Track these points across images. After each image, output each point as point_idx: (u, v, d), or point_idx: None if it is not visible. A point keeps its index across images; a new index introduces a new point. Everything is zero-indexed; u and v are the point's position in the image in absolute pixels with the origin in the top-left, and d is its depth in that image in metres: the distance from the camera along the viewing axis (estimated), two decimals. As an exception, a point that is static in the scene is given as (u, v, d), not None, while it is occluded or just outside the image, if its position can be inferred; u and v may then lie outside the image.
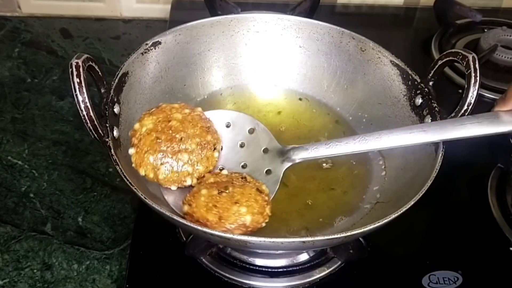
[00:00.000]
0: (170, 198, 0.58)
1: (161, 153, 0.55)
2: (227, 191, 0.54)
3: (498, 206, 0.68)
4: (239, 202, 0.53)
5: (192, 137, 0.57)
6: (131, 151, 0.56)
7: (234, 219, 0.52)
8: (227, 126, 0.63)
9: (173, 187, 0.57)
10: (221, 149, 0.61)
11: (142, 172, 0.56)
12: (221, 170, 0.60)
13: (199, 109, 0.61)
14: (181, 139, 0.56)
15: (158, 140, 0.56)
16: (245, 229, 0.52)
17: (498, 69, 0.90)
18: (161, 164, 0.55)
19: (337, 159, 0.66)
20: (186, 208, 0.54)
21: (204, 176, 0.58)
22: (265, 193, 0.56)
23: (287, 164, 0.59)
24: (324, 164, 0.65)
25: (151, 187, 0.58)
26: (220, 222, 0.52)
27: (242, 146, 0.62)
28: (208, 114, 0.62)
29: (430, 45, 0.95)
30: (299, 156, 0.59)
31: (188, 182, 0.57)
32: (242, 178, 0.58)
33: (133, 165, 0.56)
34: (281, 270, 0.60)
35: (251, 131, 0.63)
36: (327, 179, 0.64)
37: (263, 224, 0.54)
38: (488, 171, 0.72)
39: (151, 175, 0.56)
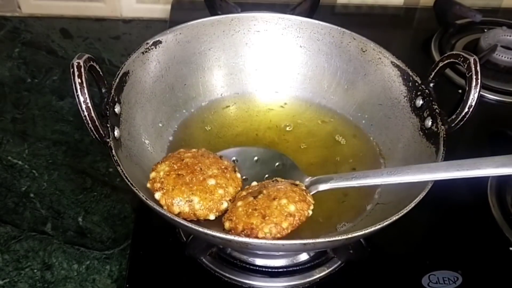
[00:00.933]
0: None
1: (188, 185, 0.55)
2: (262, 194, 0.54)
3: (498, 206, 0.68)
4: (277, 197, 0.53)
5: (210, 165, 0.57)
6: (158, 195, 0.54)
7: (278, 212, 0.51)
8: (256, 161, 0.63)
9: (212, 216, 0.55)
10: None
11: (176, 210, 0.54)
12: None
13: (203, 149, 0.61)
14: (201, 169, 0.56)
15: (180, 175, 0.55)
16: (293, 219, 0.52)
17: (498, 69, 0.90)
18: (192, 194, 0.54)
19: (337, 160, 0.66)
20: (227, 224, 0.54)
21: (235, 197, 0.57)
22: (300, 185, 0.56)
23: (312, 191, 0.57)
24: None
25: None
26: (265, 220, 0.51)
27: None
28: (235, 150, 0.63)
29: (430, 45, 0.95)
30: (324, 186, 0.57)
31: (224, 205, 0.56)
32: (273, 181, 0.57)
33: (165, 207, 0.54)
34: (281, 270, 0.60)
35: (280, 166, 0.62)
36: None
37: (310, 212, 0.53)
38: (488, 172, 0.72)
39: (187, 210, 0.54)
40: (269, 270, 0.60)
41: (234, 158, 0.62)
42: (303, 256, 0.61)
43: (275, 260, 0.61)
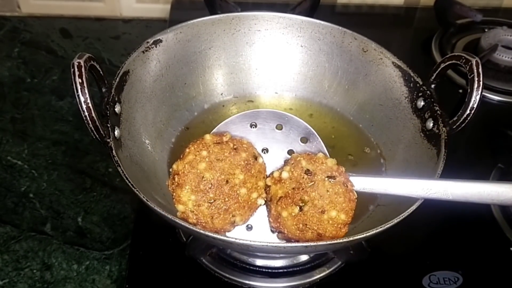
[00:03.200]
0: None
1: (226, 210, 0.52)
2: (306, 205, 0.51)
3: (499, 206, 0.68)
4: (324, 209, 0.50)
5: (233, 170, 0.52)
6: (198, 227, 0.50)
7: (332, 227, 0.50)
8: (276, 128, 0.59)
9: (251, 218, 0.55)
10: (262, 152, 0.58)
11: (219, 225, 0.51)
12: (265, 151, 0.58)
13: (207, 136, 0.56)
14: (227, 181, 0.52)
15: (212, 203, 0.51)
16: (346, 227, 0.51)
17: (498, 69, 0.90)
18: (233, 216, 0.52)
19: (337, 160, 0.65)
20: (280, 236, 0.53)
21: (269, 190, 0.54)
22: (337, 173, 0.53)
23: None
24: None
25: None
26: (321, 237, 0.50)
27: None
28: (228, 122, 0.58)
29: (430, 45, 0.95)
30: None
31: (260, 202, 0.54)
32: (307, 174, 0.53)
33: (210, 228, 0.51)
34: (281, 270, 0.60)
35: (279, 127, 0.59)
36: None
37: (355, 201, 0.52)
38: (488, 171, 0.72)
39: (232, 228, 0.53)
40: (269, 270, 0.60)
41: (253, 121, 0.58)
42: (303, 257, 0.61)
43: (275, 260, 0.61)
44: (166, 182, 0.54)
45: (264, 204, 0.55)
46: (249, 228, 0.56)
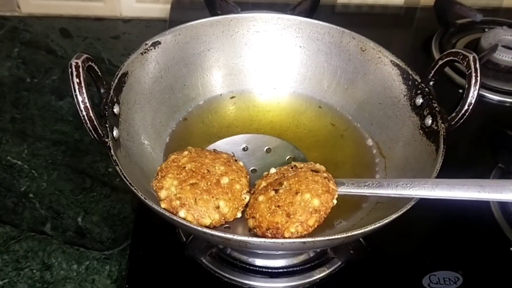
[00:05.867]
0: (239, 232, 0.55)
1: (208, 192, 0.53)
2: (282, 187, 0.52)
3: (499, 206, 0.68)
4: (299, 191, 0.51)
5: (213, 163, 0.56)
6: (183, 213, 0.52)
7: (303, 210, 0.50)
8: (267, 152, 0.63)
9: (239, 214, 0.55)
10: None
11: (207, 221, 0.53)
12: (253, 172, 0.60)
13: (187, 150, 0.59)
14: (208, 170, 0.55)
15: (194, 185, 0.53)
16: (318, 215, 0.50)
17: (498, 69, 0.90)
18: (217, 199, 0.53)
19: (338, 160, 0.66)
20: (251, 222, 0.53)
21: (254, 187, 0.56)
22: (321, 170, 0.54)
23: None
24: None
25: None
26: (290, 219, 0.50)
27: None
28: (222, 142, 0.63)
29: (431, 45, 0.95)
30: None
31: (246, 198, 0.55)
32: (292, 167, 0.56)
33: (195, 223, 0.52)
34: (281, 270, 0.60)
35: (269, 150, 0.63)
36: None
37: (335, 202, 0.52)
38: (488, 171, 0.72)
39: (217, 217, 0.53)
40: (269, 270, 0.60)
41: (244, 145, 0.63)
42: (303, 257, 0.61)
43: (275, 260, 0.61)
44: (151, 183, 0.55)
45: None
46: (227, 227, 0.56)
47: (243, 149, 0.63)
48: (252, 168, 0.61)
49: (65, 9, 1.02)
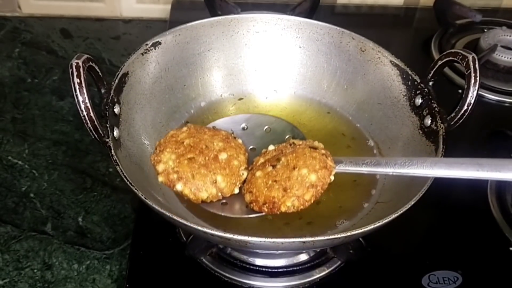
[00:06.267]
0: (236, 208, 0.56)
1: (205, 166, 0.54)
2: (280, 162, 0.52)
3: (498, 206, 0.68)
4: (296, 166, 0.51)
5: (212, 140, 0.56)
6: (180, 186, 0.54)
7: (300, 184, 0.50)
8: (266, 131, 0.63)
9: (236, 190, 0.55)
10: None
11: (204, 195, 0.54)
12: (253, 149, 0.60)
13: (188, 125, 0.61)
14: (206, 146, 0.55)
15: (192, 159, 0.54)
16: (315, 190, 0.51)
17: (497, 69, 0.90)
18: (214, 174, 0.54)
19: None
20: (248, 197, 0.53)
21: (252, 163, 0.57)
22: (320, 147, 0.55)
23: None
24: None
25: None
26: (287, 193, 0.50)
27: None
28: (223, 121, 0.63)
29: (430, 45, 0.95)
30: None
31: (244, 175, 0.56)
32: (290, 145, 0.56)
33: (192, 196, 0.54)
34: (281, 270, 0.60)
35: (268, 130, 0.63)
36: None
37: (332, 178, 0.52)
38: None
39: (214, 191, 0.54)
40: (269, 270, 0.60)
41: (244, 124, 0.63)
42: (303, 256, 0.61)
43: (275, 260, 0.61)
44: (150, 157, 0.56)
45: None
46: (224, 203, 0.56)
47: (243, 128, 0.63)
48: (251, 147, 0.62)
49: (65, 10, 1.02)
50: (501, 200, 0.69)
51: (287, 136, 0.62)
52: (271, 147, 0.58)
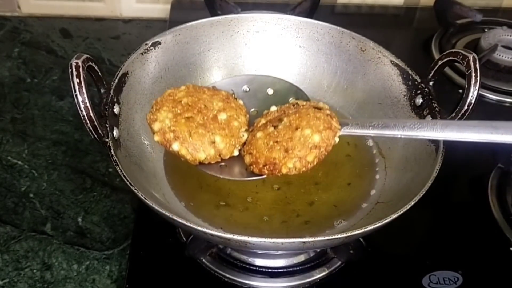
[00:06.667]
0: (236, 170, 0.54)
1: (204, 126, 0.52)
2: (282, 123, 0.50)
3: (499, 206, 0.68)
4: (299, 126, 0.49)
5: (211, 99, 0.54)
6: (176, 146, 0.52)
7: (302, 145, 0.48)
8: (269, 94, 0.60)
9: (236, 152, 0.53)
10: None
11: (202, 156, 0.51)
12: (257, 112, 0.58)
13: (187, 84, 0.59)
14: (205, 105, 0.53)
15: (190, 118, 0.52)
16: (318, 151, 0.48)
17: (498, 69, 0.90)
18: (213, 134, 0.52)
19: (337, 160, 0.66)
20: (248, 158, 0.51)
21: (253, 125, 0.55)
22: (324, 108, 0.52)
23: None
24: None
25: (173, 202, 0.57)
26: (289, 154, 0.48)
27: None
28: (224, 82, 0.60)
29: (430, 45, 0.95)
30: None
31: (244, 136, 0.54)
32: (293, 105, 0.53)
33: (189, 157, 0.52)
34: (281, 270, 0.60)
35: (271, 92, 0.61)
36: (328, 178, 0.63)
37: (337, 140, 0.50)
38: (488, 171, 0.72)
39: (212, 152, 0.52)
40: (269, 270, 0.60)
41: (245, 86, 0.61)
42: (303, 256, 0.61)
43: (275, 260, 0.61)
44: (146, 116, 0.54)
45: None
46: (223, 166, 0.55)
47: (244, 90, 0.61)
48: (253, 109, 0.60)
49: (65, 9, 1.02)
50: (502, 200, 0.69)
51: (291, 99, 0.60)
52: (273, 108, 0.56)
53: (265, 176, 0.52)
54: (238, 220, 0.58)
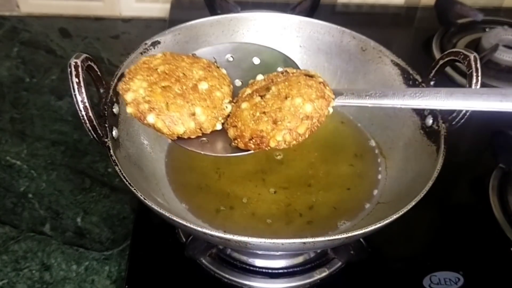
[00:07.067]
0: (219, 146, 0.49)
1: (182, 96, 0.47)
2: (270, 92, 0.45)
3: (500, 206, 0.68)
4: (289, 95, 0.44)
5: (190, 67, 0.50)
6: (152, 118, 0.47)
7: (292, 115, 0.44)
8: (254, 63, 0.55)
9: (218, 126, 0.49)
10: None
11: (181, 129, 0.47)
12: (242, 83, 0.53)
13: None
14: (184, 74, 0.48)
15: (167, 87, 0.47)
16: (310, 122, 0.44)
17: (499, 68, 0.89)
18: (193, 105, 0.47)
19: (338, 160, 0.65)
20: (232, 132, 0.47)
21: (237, 96, 0.50)
22: (316, 75, 0.48)
23: None
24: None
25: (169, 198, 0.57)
26: (277, 126, 0.44)
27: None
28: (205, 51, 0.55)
29: (431, 45, 0.95)
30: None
31: (228, 108, 0.49)
32: (282, 73, 0.49)
33: (165, 130, 0.47)
34: (281, 271, 0.60)
35: (257, 61, 0.56)
36: (329, 178, 0.63)
37: (330, 110, 0.46)
38: (489, 172, 0.72)
39: (192, 125, 0.47)
40: (269, 271, 0.60)
41: (229, 55, 0.56)
42: (303, 257, 0.61)
43: (275, 260, 0.60)
44: (118, 86, 0.49)
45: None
46: (204, 141, 0.50)
47: (228, 59, 0.55)
48: (237, 80, 0.55)
49: (64, 9, 1.01)
50: (503, 200, 0.69)
51: (279, 68, 0.54)
52: (259, 77, 0.51)
53: (251, 151, 0.47)
54: (238, 220, 0.58)
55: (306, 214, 0.59)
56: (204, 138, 0.50)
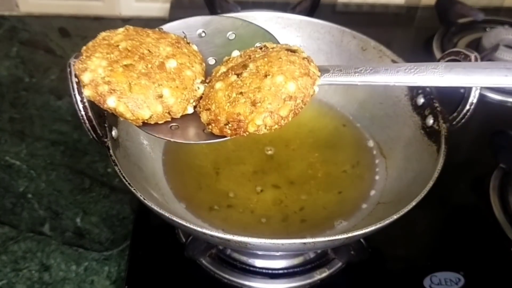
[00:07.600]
0: (191, 132, 0.45)
1: (148, 76, 0.42)
2: (247, 70, 0.41)
3: (500, 206, 0.68)
4: (269, 73, 0.40)
5: (157, 43, 0.45)
6: (112, 101, 0.42)
7: (273, 96, 0.39)
8: (229, 39, 0.50)
9: (190, 109, 0.44)
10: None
11: (147, 113, 0.43)
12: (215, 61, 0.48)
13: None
14: (149, 51, 0.44)
15: (129, 66, 0.43)
16: (294, 103, 0.40)
17: (500, 68, 0.89)
18: (160, 86, 0.42)
19: (338, 160, 0.65)
20: (205, 116, 0.42)
21: (211, 75, 0.45)
22: (299, 50, 0.43)
23: None
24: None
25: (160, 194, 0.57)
26: (257, 108, 0.39)
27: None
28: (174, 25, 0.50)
29: (432, 44, 0.95)
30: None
31: (200, 89, 0.45)
32: (261, 48, 0.44)
33: (129, 115, 0.43)
34: (281, 271, 0.60)
35: (232, 36, 0.50)
36: (329, 178, 0.63)
37: (316, 89, 0.41)
38: (490, 172, 0.72)
39: (160, 109, 0.43)
40: (269, 271, 0.60)
41: (201, 30, 0.50)
42: (304, 257, 0.61)
43: (275, 261, 0.60)
44: (74, 66, 0.44)
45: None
46: (175, 126, 0.45)
47: (199, 34, 0.50)
48: (210, 58, 0.49)
49: (64, 8, 1.01)
50: (503, 200, 0.68)
51: (257, 44, 0.48)
52: (235, 53, 0.46)
53: (228, 138, 0.43)
54: (238, 220, 0.58)
55: (304, 213, 0.59)
56: (174, 124, 0.45)
